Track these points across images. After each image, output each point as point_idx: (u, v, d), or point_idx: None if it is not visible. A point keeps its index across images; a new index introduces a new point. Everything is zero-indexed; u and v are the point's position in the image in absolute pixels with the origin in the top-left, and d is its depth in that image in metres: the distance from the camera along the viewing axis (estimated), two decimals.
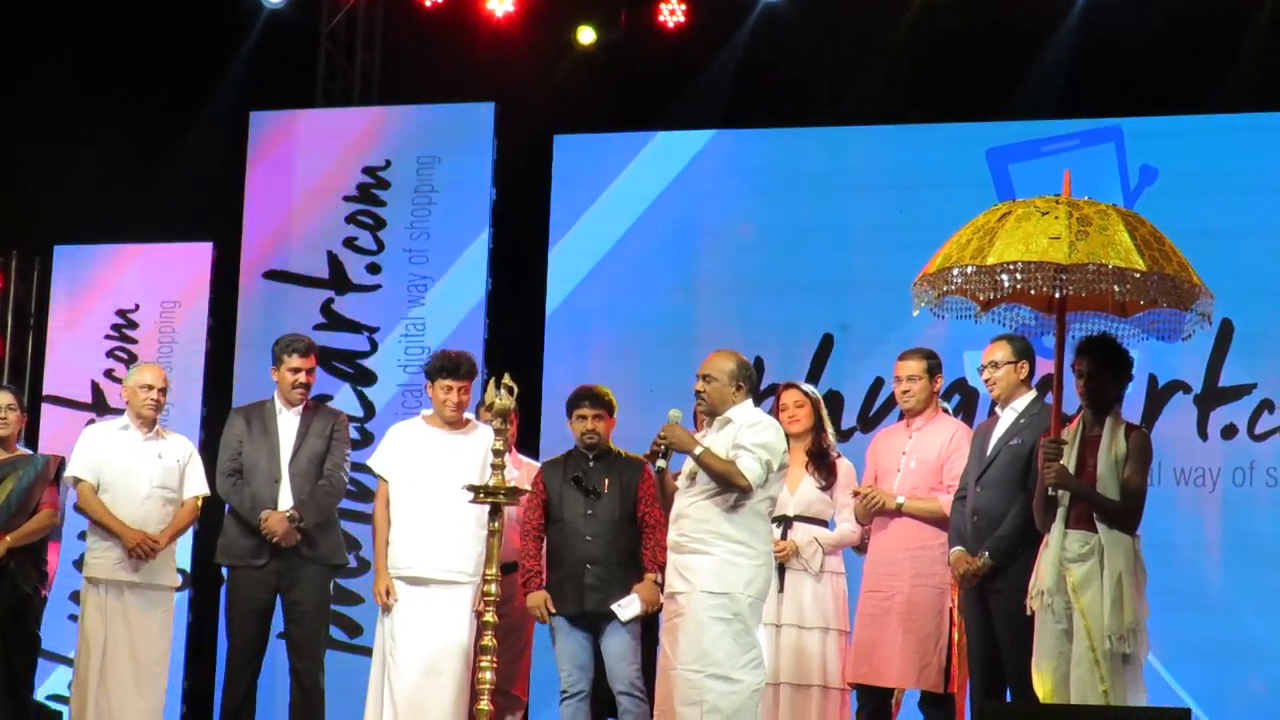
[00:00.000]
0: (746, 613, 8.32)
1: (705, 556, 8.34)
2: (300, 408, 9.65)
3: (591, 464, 9.34)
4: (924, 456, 8.93)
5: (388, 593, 9.10)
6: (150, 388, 9.77)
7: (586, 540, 9.19)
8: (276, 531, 9.44)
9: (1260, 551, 10.67)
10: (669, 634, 8.40)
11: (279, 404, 9.68)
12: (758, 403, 8.62)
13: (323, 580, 9.61)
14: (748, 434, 8.34)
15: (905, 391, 9.03)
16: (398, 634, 9.20)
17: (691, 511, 8.40)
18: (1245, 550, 10.70)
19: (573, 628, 9.22)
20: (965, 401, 10.95)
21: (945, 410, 9.24)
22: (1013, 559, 8.27)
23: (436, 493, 9.15)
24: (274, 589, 9.51)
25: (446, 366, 9.29)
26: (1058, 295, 7.68)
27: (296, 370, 9.62)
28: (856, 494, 9.04)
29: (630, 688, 9.14)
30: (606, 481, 9.27)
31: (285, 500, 9.49)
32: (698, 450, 8.32)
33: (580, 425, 9.39)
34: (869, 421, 11.28)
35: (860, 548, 9.22)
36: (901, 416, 9.19)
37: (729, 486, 8.28)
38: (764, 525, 8.41)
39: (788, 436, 8.59)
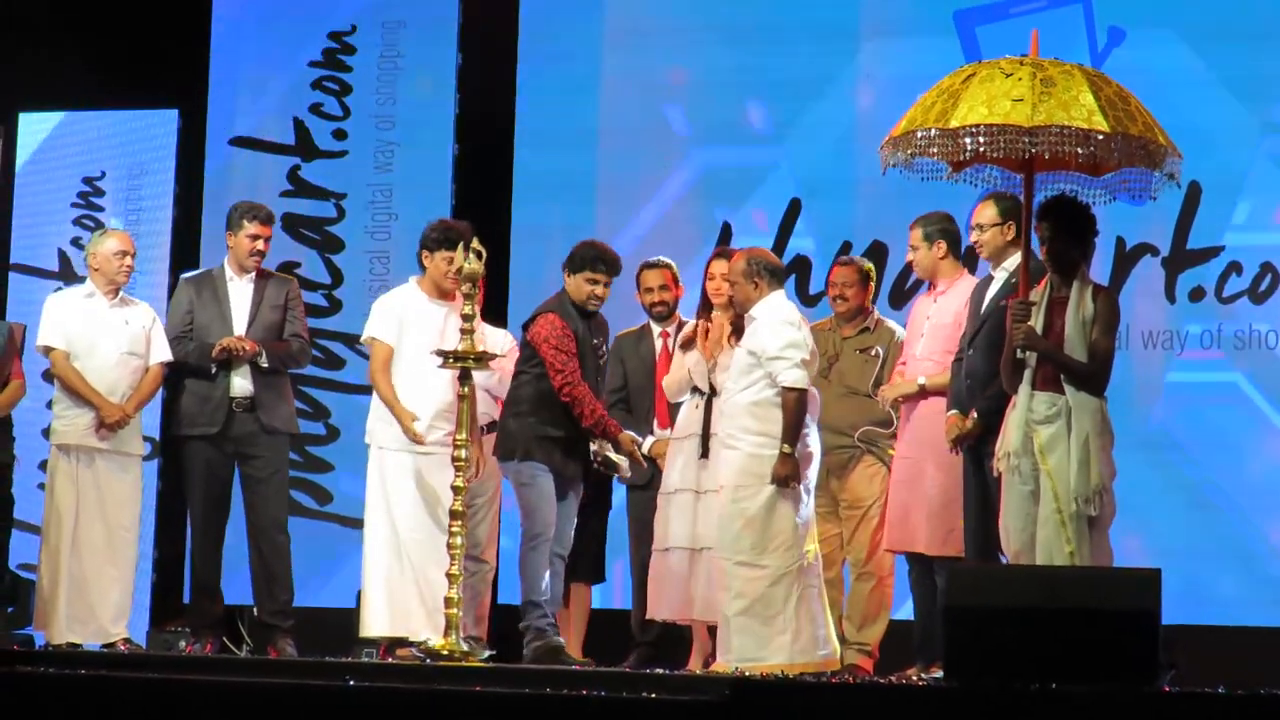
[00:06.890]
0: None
1: (733, 451, 8.63)
2: (252, 275, 9.61)
3: None
4: (941, 320, 8.88)
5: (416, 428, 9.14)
6: (124, 254, 9.76)
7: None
8: (234, 346, 9.40)
9: (1229, 412, 10.69)
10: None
11: (229, 271, 9.64)
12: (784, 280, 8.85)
13: (279, 448, 9.61)
14: (769, 342, 8.58)
15: (911, 261, 9.09)
16: (403, 501, 9.21)
17: (726, 409, 8.73)
18: (1214, 410, 10.72)
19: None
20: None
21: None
22: (1002, 419, 8.10)
23: (433, 360, 9.15)
24: (231, 457, 9.52)
25: (451, 237, 9.25)
26: (1024, 157, 7.69)
27: (255, 237, 9.61)
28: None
29: (567, 549, 9.24)
30: None
31: (241, 373, 9.47)
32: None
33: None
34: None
35: None
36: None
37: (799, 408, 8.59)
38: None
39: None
